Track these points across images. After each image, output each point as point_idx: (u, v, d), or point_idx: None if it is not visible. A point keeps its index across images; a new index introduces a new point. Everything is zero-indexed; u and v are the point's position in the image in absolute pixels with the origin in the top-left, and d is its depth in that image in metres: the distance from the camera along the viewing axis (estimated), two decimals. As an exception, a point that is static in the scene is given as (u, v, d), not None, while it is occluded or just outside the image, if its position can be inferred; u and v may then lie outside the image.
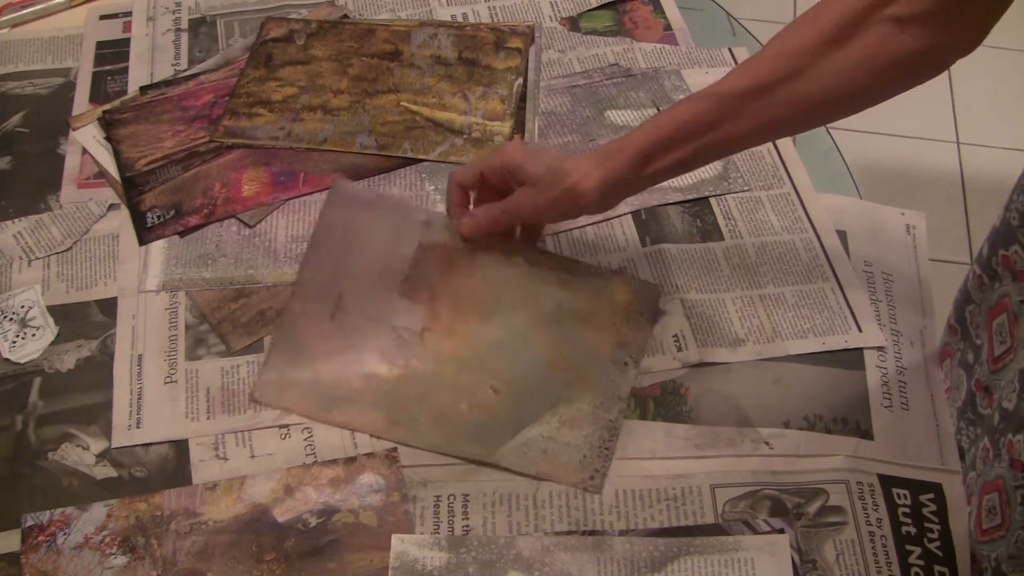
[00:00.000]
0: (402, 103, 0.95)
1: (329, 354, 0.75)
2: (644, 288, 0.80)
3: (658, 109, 0.95)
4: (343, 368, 0.75)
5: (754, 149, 0.92)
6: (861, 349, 0.79)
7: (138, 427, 0.74)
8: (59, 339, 0.79)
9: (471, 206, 0.78)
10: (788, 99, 0.66)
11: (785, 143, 0.93)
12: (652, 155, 0.70)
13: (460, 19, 1.04)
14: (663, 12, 1.06)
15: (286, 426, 0.74)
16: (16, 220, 0.86)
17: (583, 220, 0.86)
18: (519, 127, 0.94)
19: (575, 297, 0.78)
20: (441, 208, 0.86)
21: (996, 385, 0.71)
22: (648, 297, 0.79)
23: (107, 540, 0.68)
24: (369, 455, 0.72)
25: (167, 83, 0.97)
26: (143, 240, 0.85)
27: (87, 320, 0.80)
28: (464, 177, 0.77)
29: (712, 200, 0.88)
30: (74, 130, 0.93)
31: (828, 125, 0.96)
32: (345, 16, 1.04)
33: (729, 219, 0.87)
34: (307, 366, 0.75)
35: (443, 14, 1.04)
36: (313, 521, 0.69)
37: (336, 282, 0.77)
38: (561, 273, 0.80)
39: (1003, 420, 0.68)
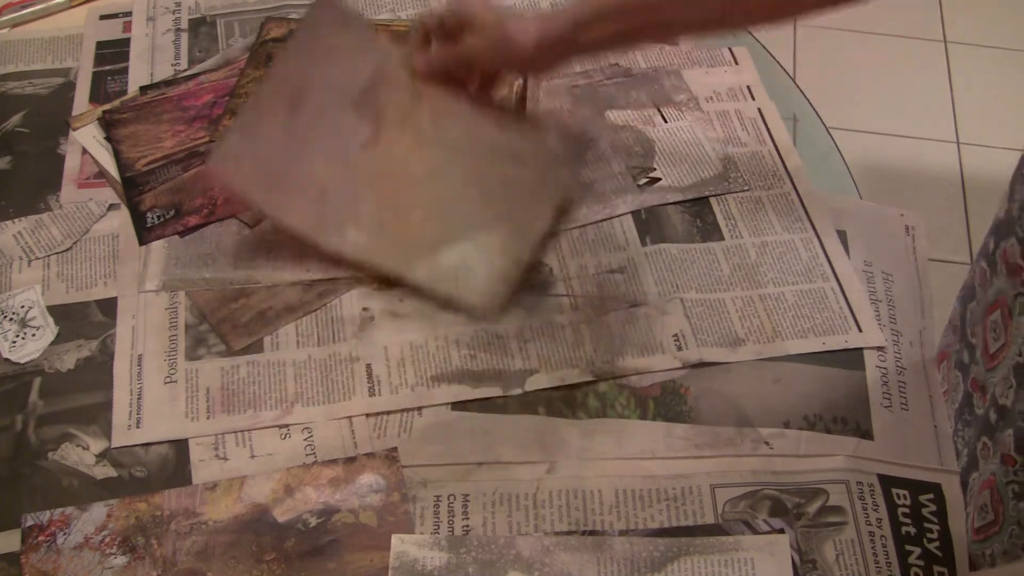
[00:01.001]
0: (402, 103, 0.95)
1: (280, 141, 0.80)
2: (574, 136, 0.86)
3: (658, 109, 0.95)
4: (290, 159, 0.80)
5: (754, 149, 0.92)
6: (861, 349, 0.79)
7: (138, 427, 0.74)
8: (59, 339, 0.79)
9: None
10: None
11: (785, 143, 0.93)
12: (587, 23, 0.74)
13: (460, 19, 1.03)
14: (663, 12, 1.06)
15: (286, 426, 0.74)
16: (16, 220, 0.86)
17: (583, 218, 0.86)
18: (519, 127, 0.93)
19: (510, 139, 0.83)
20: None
21: (991, 382, 0.71)
22: (578, 144, 0.85)
23: (107, 540, 0.68)
24: (369, 455, 0.72)
25: (167, 83, 0.97)
26: (143, 240, 0.85)
27: (87, 320, 0.80)
28: (426, 17, 0.82)
29: (712, 200, 0.88)
30: (74, 130, 0.93)
31: (828, 125, 0.97)
32: (345, 16, 1.04)
33: (729, 219, 0.87)
34: (260, 147, 0.80)
35: (443, 14, 1.04)
36: (313, 521, 0.69)
37: (300, 81, 0.82)
38: (501, 118, 0.85)
39: (1000, 417, 0.68)
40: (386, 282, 0.79)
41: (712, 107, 0.96)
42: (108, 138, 0.92)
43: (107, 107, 0.95)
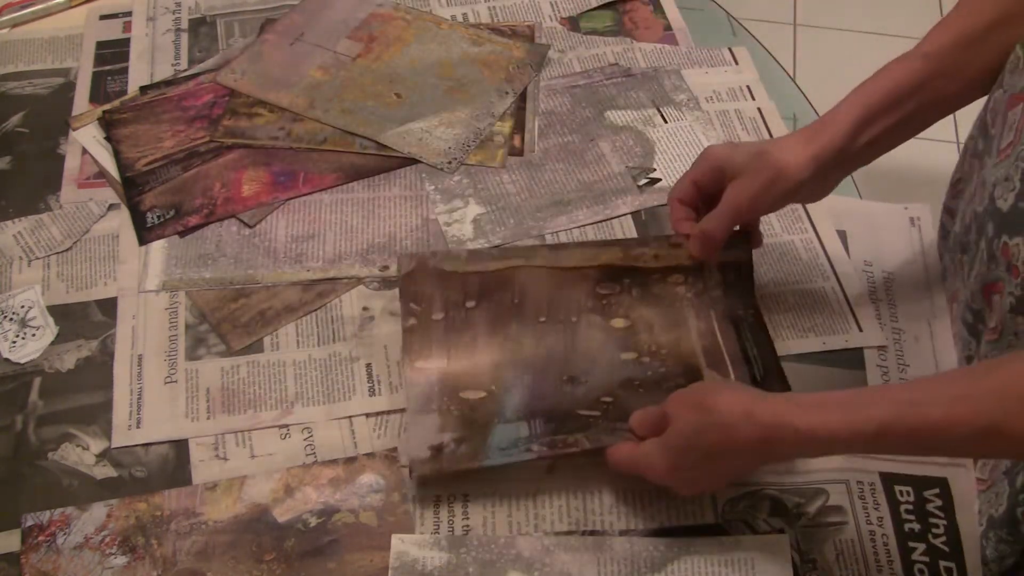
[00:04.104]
0: (402, 103, 0.96)
1: (281, 62, 0.96)
2: (537, 47, 0.98)
3: (658, 109, 0.95)
4: (289, 71, 0.95)
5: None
6: (861, 349, 0.79)
7: (138, 427, 0.74)
8: (59, 339, 0.79)
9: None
10: (997, 45, 0.64)
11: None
12: (866, 122, 0.68)
13: (460, 19, 1.04)
14: (663, 12, 1.06)
15: (286, 426, 0.74)
16: (16, 220, 0.86)
17: (583, 218, 0.86)
18: (519, 127, 0.94)
19: (481, 50, 0.97)
20: (441, 208, 0.87)
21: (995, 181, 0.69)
22: (539, 53, 0.97)
23: (107, 540, 0.68)
24: (369, 455, 0.72)
25: (167, 83, 0.97)
26: (143, 240, 0.85)
27: (87, 320, 0.80)
28: (680, 192, 0.76)
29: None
30: (74, 130, 0.93)
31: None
32: (345, 16, 1.05)
33: (729, 219, 0.87)
34: (265, 70, 0.96)
35: (443, 14, 1.04)
36: (313, 521, 0.69)
37: (303, 26, 0.98)
38: (475, 32, 0.97)
39: (999, 224, 0.66)
40: None
41: (712, 107, 0.96)
42: (108, 138, 0.92)
43: (107, 107, 0.95)
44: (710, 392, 0.64)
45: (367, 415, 0.75)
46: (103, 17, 1.05)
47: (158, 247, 0.84)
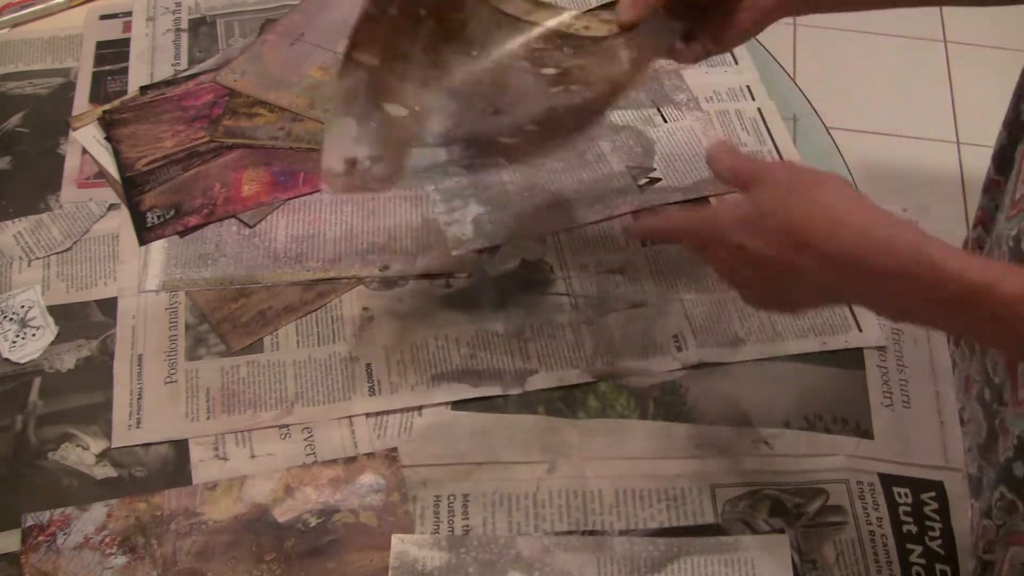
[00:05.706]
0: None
1: (281, 62, 0.96)
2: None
3: (658, 109, 0.95)
4: (289, 71, 0.94)
5: (754, 149, 0.92)
6: (861, 349, 0.79)
7: (138, 427, 0.74)
8: (59, 339, 0.79)
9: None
10: None
11: (785, 143, 0.93)
12: None
13: (460, 19, 1.04)
14: (663, 12, 1.06)
15: (286, 426, 0.74)
16: (16, 220, 0.86)
17: (583, 218, 0.86)
18: (519, 127, 0.94)
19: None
20: (441, 208, 0.87)
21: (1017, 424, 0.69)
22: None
23: (107, 540, 0.68)
24: (369, 455, 0.72)
25: (167, 83, 0.97)
26: (143, 240, 0.85)
27: (87, 320, 0.80)
28: None
29: (712, 200, 0.88)
30: (74, 130, 0.93)
31: (828, 125, 0.96)
32: (345, 16, 1.05)
33: (729, 219, 0.87)
34: (265, 70, 0.94)
35: (443, 14, 1.04)
36: (313, 521, 0.69)
37: (303, 26, 0.97)
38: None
39: None
40: None
41: (712, 107, 0.96)
42: (108, 138, 0.92)
43: (107, 107, 0.95)
44: (807, 175, 0.56)
45: (367, 415, 0.75)
46: (103, 17, 1.05)
47: (158, 247, 0.84)
